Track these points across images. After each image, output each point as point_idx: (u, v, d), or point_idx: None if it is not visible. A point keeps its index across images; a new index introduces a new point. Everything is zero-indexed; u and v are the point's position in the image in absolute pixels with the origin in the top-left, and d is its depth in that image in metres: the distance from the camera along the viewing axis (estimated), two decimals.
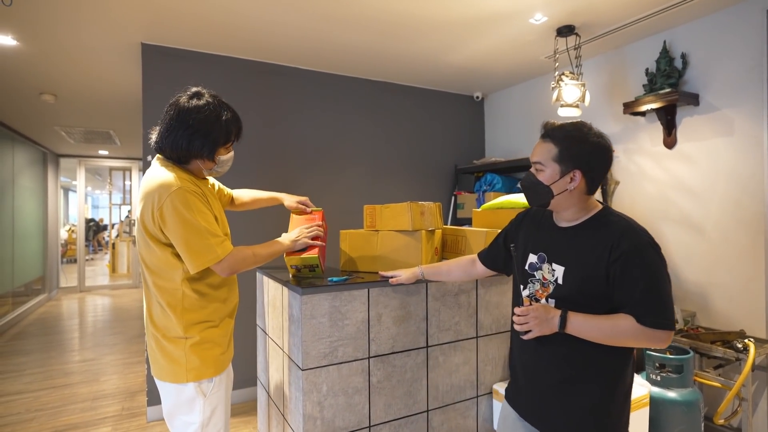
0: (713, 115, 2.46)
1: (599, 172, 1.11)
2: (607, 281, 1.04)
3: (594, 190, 1.13)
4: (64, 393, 3.15)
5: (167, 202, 1.22)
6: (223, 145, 1.36)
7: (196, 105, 1.30)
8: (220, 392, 1.37)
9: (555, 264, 1.13)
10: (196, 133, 1.29)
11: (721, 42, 2.42)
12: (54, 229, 7.04)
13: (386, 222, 1.71)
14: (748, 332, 2.31)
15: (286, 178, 3.20)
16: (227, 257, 1.28)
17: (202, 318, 1.33)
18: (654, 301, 1.00)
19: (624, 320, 1.01)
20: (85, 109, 4.33)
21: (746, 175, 2.34)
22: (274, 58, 3.07)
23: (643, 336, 1.00)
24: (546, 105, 3.38)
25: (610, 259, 1.04)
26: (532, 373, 1.18)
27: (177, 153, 1.31)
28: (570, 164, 1.09)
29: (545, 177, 1.11)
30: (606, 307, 1.06)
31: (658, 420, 1.98)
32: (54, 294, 7.00)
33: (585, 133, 1.10)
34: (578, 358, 1.09)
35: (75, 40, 2.69)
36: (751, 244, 2.32)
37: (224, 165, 1.41)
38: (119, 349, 4.16)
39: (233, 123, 1.37)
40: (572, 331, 1.05)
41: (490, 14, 2.43)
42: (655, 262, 1.03)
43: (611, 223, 1.09)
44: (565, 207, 1.14)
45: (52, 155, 6.85)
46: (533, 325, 1.07)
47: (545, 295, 1.14)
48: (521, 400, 1.22)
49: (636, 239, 1.04)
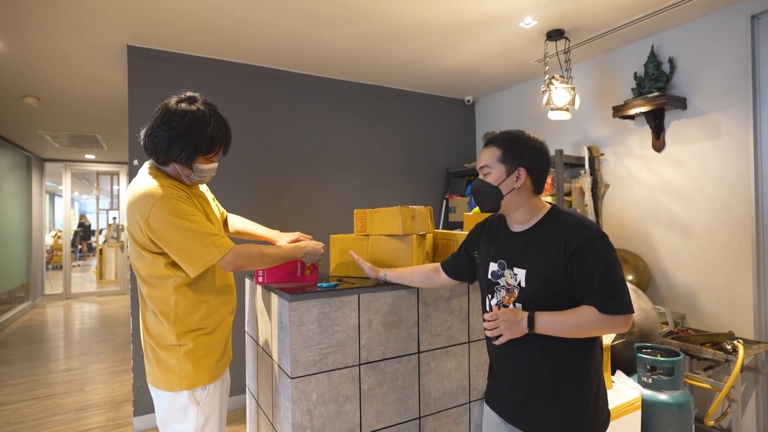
0: (701, 119, 2.49)
1: (541, 170, 1.18)
2: (567, 277, 1.09)
3: (540, 189, 1.19)
4: (46, 404, 3.07)
5: (153, 213, 1.19)
6: (204, 154, 1.29)
7: (184, 109, 1.26)
8: (214, 400, 1.34)
9: (516, 268, 1.17)
10: (177, 136, 1.25)
11: (707, 47, 2.45)
12: (39, 235, 6.89)
13: (376, 226, 1.69)
14: (737, 333, 2.32)
15: (275, 182, 3.17)
16: (229, 253, 1.25)
17: (195, 325, 1.30)
18: (611, 290, 1.05)
19: (587, 312, 1.06)
20: (71, 113, 4.25)
21: (733, 178, 2.36)
22: (264, 61, 3.04)
23: (607, 323, 1.05)
24: (536, 108, 3.40)
25: (565, 255, 1.08)
26: (512, 377, 1.21)
27: (156, 154, 1.28)
28: (514, 163, 1.16)
29: (493, 178, 1.18)
30: (569, 302, 1.10)
31: (650, 423, 1.98)
32: (38, 301, 6.84)
33: (524, 135, 1.19)
34: (551, 356, 1.13)
35: (58, 42, 2.64)
36: (738, 246, 2.34)
37: (204, 175, 1.34)
38: (105, 358, 4.07)
39: (220, 136, 1.31)
40: (541, 330, 1.09)
41: (481, 18, 2.43)
42: (606, 251, 1.08)
43: (561, 221, 1.14)
44: (515, 207, 1.18)
45: (36, 159, 6.72)
46: (503, 329, 1.11)
47: (512, 301, 1.17)
48: (502, 404, 1.25)
49: (585, 232, 1.09)
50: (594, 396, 1.16)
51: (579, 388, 1.14)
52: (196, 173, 1.31)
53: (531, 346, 1.14)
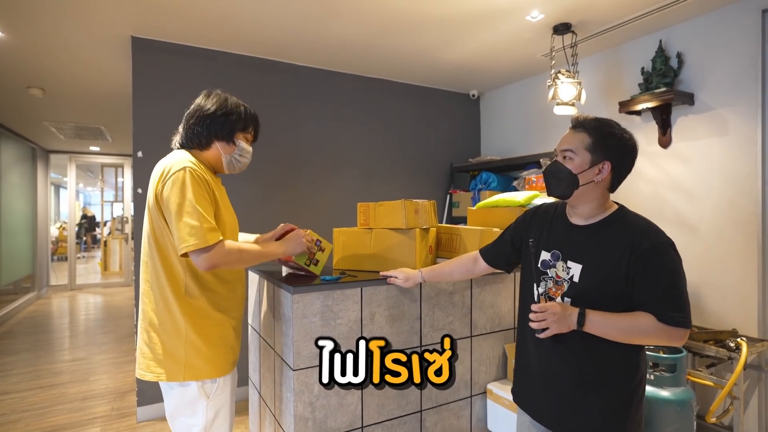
0: (708, 115, 2.46)
1: (626, 168, 1.12)
2: (627, 280, 1.04)
3: (616, 186, 1.13)
4: (52, 393, 3.10)
5: (174, 176, 1.22)
6: (242, 130, 1.38)
7: (217, 95, 1.38)
8: (224, 394, 1.33)
9: (570, 262, 1.12)
10: (216, 113, 1.33)
11: (716, 42, 2.42)
12: (44, 226, 6.94)
13: (380, 220, 1.68)
14: (741, 331, 2.31)
15: (279, 176, 3.16)
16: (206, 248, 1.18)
17: (205, 315, 1.29)
18: (674, 300, 1.01)
19: (644, 318, 1.02)
20: (75, 104, 4.26)
21: (740, 175, 2.34)
22: (268, 53, 3.03)
23: (663, 333, 1.01)
24: (542, 103, 3.37)
25: (631, 258, 1.04)
26: (550, 374, 1.16)
27: (198, 138, 1.34)
28: (602, 155, 1.09)
29: (574, 165, 1.10)
30: (622, 305, 1.06)
31: (652, 419, 1.98)
32: (44, 292, 6.90)
33: (618, 128, 1.12)
34: (596, 357, 1.09)
35: (63, 33, 2.64)
36: (744, 244, 2.32)
37: (244, 154, 1.40)
38: (110, 348, 4.11)
39: (251, 116, 1.41)
40: (591, 329, 1.05)
41: (487, 11, 2.41)
42: (674, 261, 1.04)
43: (630, 223, 1.09)
44: (586, 201, 1.13)
45: (41, 151, 6.75)
46: (551, 322, 1.06)
47: (560, 294, 1.13)
48: (534, 404, 1.20)
49: (656, 239, 1.05)
50: (637, 399, 1.11)
51: (622, 391, 1.09)
52: (237, 151, 1.37)
53: (577, 345, 1.09)
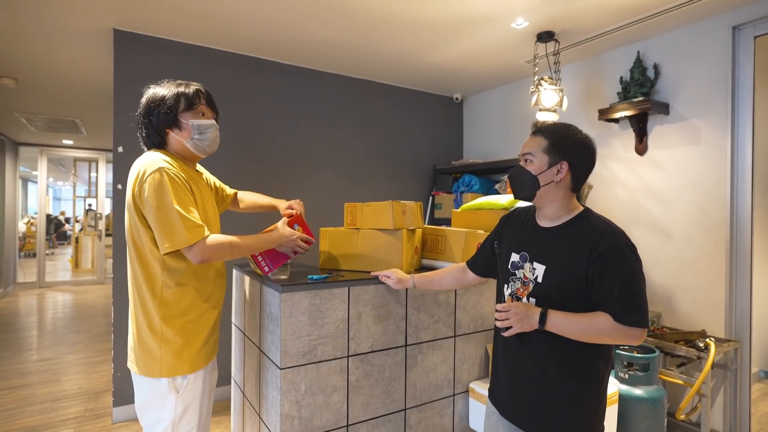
0: (682, 125, 2.57)
1: (584, 168, 1.16)
2: (586, 280, 1.08)
3: (578, 187, 1.17)
4: (20, 394, 2.99)
5: (150, 178, 1.22)
6: (188, 109, 1.32)
7: (146, 92, 1.35)
8: (195, 390, 1.32)
9: (536, 263, 1.16)
10: (149, 107, 1.32)
11: (691, 54, 2.53)
12: (11, 221, 6.66)
13: (367, 220, 1.69)
14: (709, 332, 2.42)
15: (263, 174, 3.14)
16: (198, 243, 1.22)
17: (179, 312, 1.29)
18: (630, 300, 1.04)
19: (601, 318, 1.05)
20: (49, 96, 4.11)
21: (711, 183, 2.45)
22: (253, 50, 3.00)
23: (619, 333, 1.04)
24: (524, 108, 3.45)
25: (589, 259, 1.07)
26: (515, 371, 1.20)
27: (150, 139, 1.34)
28: (558, 156, 1.14)
29: (534, 167, 1.16)
30: (584, 305, 1.09)
31: (626, 416, 2.05)
32: (10, 290, 6.62)
33: (573, 131, 1.17)
34: (558, 355, 1.12)
35: (39, 21, 2.55)
36: (713, 248, 2.43)
37: (204, 131, 1.34)
38: (82, 348, 3.98)
39: (194, 92, 1.34)
40: (552, 329, 1.08)
41: (473, 16, 2.45)
42: (632, 262, 1.06)
43: (592, 224, 1.13)
44: (549, 201, 1.17)
45: (10, 143, 6.47)
46: (513, 321, 1.10)
47: (526, 294, 1.17)
48: (503, 399, 1.24)
49: (614, 240, 1.07)
50: (597, 397, 1.14)
51: (582, 388, 1.12)
52: (195, 132, 1.33)
53: (540, 343, 1.13)
